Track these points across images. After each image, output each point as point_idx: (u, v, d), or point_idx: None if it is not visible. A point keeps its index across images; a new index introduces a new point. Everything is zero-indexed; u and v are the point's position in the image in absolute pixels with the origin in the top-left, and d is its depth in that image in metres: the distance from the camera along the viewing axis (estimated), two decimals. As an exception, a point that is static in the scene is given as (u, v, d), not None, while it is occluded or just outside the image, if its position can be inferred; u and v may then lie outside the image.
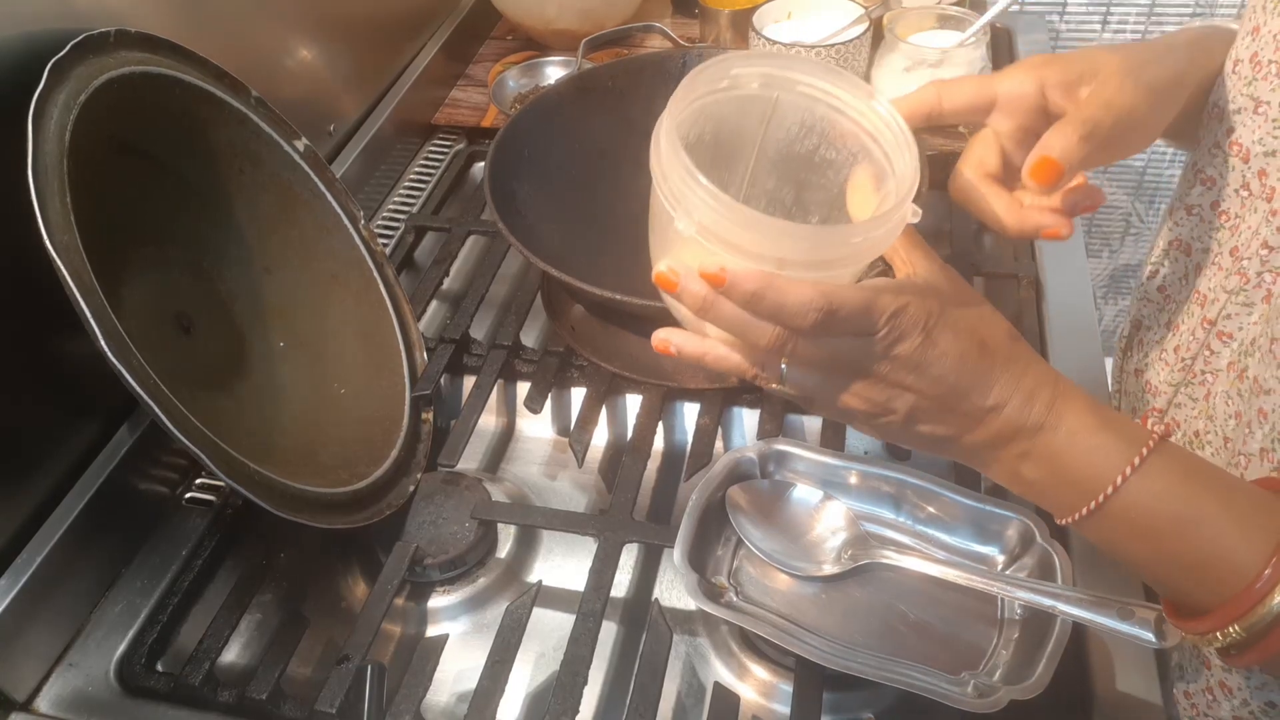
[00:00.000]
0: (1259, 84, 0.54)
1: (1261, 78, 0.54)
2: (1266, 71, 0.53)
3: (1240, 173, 0.56)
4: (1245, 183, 0.56)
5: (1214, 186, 0.59)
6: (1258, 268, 0.54)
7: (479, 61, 1.17)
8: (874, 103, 0.46)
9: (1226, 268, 0.58)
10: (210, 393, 0.66)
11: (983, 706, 0.51)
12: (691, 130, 0.47)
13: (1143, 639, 0.49)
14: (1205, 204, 0.60)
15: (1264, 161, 0.54)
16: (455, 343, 0.78)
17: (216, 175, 0.70)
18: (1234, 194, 0.57)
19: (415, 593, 0.67)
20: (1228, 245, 0.58)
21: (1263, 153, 0.54)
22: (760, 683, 0.61)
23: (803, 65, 0.46)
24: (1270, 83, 0.53)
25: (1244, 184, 0.56)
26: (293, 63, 0.88)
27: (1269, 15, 0.53)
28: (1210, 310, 0.59)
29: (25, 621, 0.60)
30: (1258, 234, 0.54)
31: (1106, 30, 1.40)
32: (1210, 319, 0.59)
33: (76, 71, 0.57)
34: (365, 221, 0.78)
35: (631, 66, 0.87)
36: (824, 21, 1.01)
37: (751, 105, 0.47)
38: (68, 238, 0.52)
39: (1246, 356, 0.54)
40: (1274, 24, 0.53)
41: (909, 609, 0.58)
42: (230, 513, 0.69)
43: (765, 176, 0.50)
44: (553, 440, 0.78)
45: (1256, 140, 0.54)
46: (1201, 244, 0.61)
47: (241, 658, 0.65)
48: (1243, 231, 0.56)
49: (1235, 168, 0.56)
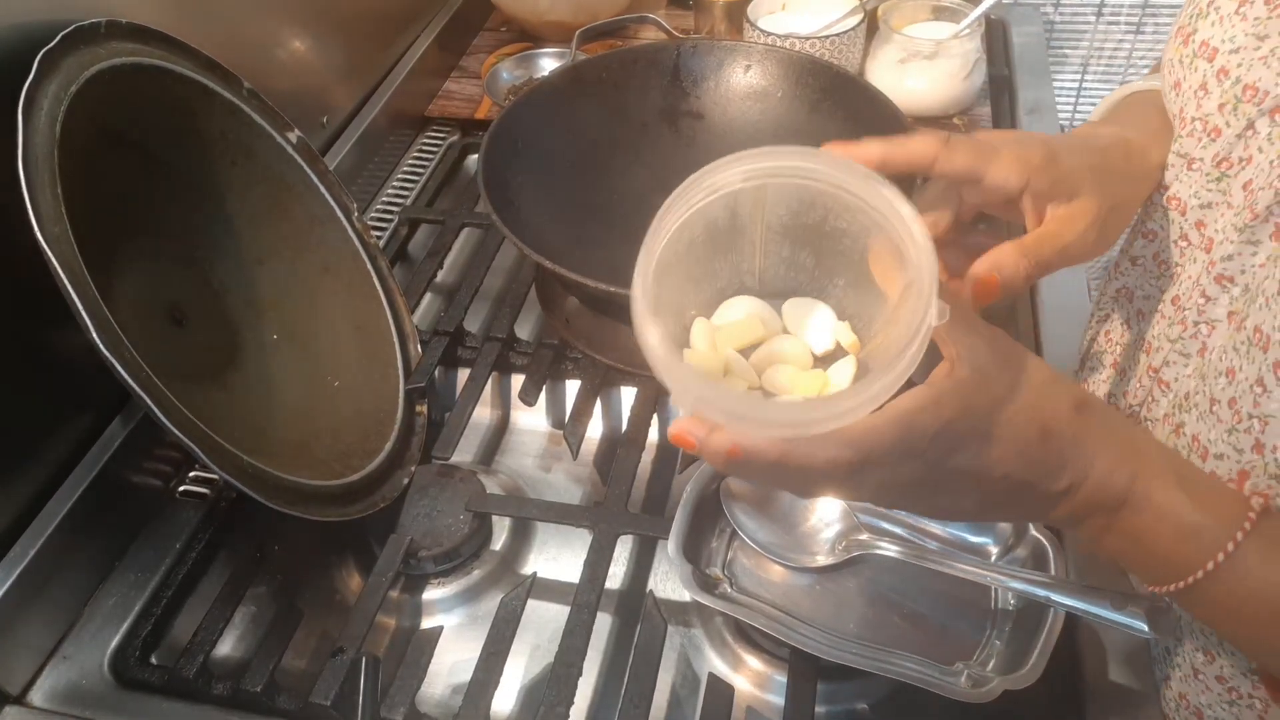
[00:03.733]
0: (1185, 140, 0.54)
1: (1187, 134, 0.54)
2: (1192, 129, 0.53)
3: (1179, 225, 0.56)
4: (1184, 234, 0.56)
5: (1155, 239, 0.60)
6: (1195, 317, 0.54)
7: (473, 53, 1.16)
8: (875, 184, 0.41)
9: (1169, 316, 0.58)
10: (203, 385, 0.66)
11: (976, 696, 0.51)
12: (680, 240, 0.42)
13: (1135, 629, 0.50)
14: (1148, 255, 0.61)
15: (1200, 214, 0.54)
16: (449, 335, 0.78)
17: (208, 167, 0.70)
18: (1173, 244, 0.57)
19: (410, 585, 0.67)
20: (1169, 294, 0.58)
21: (1198, 205, 0.54)
22: (755, 674, 0.61)
23: (786, 154, 0.41)
24: (1197, 139, 0.53)
25: (1182, 235, 0.56)
26: (285, 54, 0.88)
27: (1186, 69, 0.53)
28: (1155, 358, 0.59)
29: (19, 614, 0.60)
30: (1198, 284, 0.54)
31: (1101, 22, 1.40)
32: (1155, 367, 0.59)
33: (67, 62, 0.56)
34: (359, 214, 0.78)
35: (626, 58, 0.86)
36: (819, 13, 1.00)
37: (740, 197, 0.43)
38: (59, 229, 0.52)
39: (1183, 411, 0.54)
40: (1192, 78, 0.53)
41: (903, 600, 0.59)
42: (224, 505, 0.69)
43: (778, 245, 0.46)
44: (547, 433, 0.78)
45: (1192, 194, 0.54)
46: (1143, 291, 0.62)
47: (236, 650, 0.65)
48: (1183, 280, 0.56)
49: (1174, 220, 0.57)
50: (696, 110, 0.87)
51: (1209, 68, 0.52)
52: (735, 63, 0.87)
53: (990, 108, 1.00)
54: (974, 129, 0.97)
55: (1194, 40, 0.53)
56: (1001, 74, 1.05)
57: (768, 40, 0.95)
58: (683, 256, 0.43)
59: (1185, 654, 0.57)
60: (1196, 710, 0.56)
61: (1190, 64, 0.53)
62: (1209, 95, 0.52)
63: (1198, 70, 0.53)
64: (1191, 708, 0.57)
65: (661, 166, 0.85)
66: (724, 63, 0.87)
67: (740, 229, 0.45)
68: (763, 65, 0.86)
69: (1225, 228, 0.52)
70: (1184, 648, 0.57)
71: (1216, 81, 0.51)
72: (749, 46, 0.87)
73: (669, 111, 0.87)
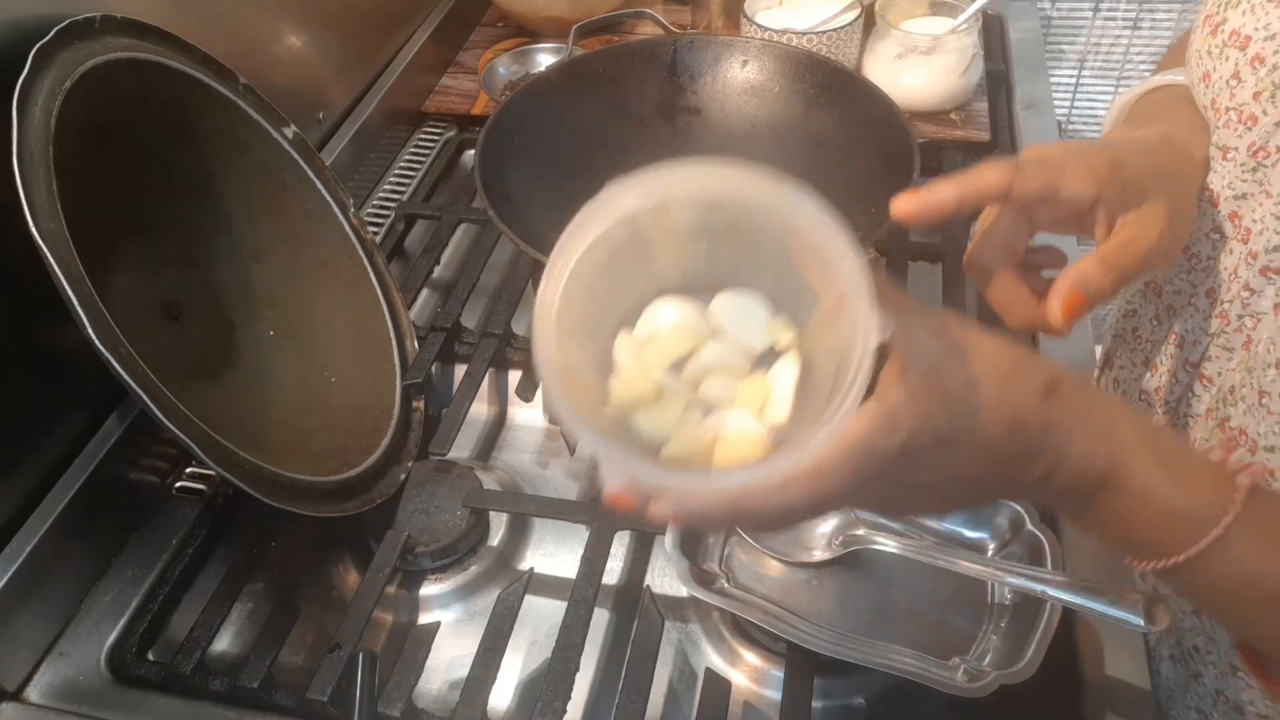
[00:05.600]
0: (1221, 132, 0.53)
1: (1223, 125, 0.53)
2: (1226, 119, 0.53)
3: (1210, 217, 0.56)
4: (1216, 225, 0.55)
5: None
6: (1238, 310, 0.54)
7: (469, 49, 1.16)
8: (781, 186, 0.37)
9: (1205, 310, 0.57)
10: (200, 381, 0.66)
11: (973, 691, 0.51)
12: (580, 277, 0.39)
13: (1131, 623, 0.50)
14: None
15: (1235, 205, 0.54)
16: (446, 331, 0.78)
17: (204, 163, 0.69)
18: (1205, 237, 0.56)
19: (407, 581, 0.67)
20: (1203, 287, 0.57)
21: (1233, 196, 0.54)
22: (752, 668, 0.61)
23: (678, 171, 0.38)
24: (1232, 129, 0.53)
25: (1215, 227, 0.56)
26: (281, 49, 0.87)
27: (1216, 60, 0.53)
28: (1192, 353, 0.59)
29: (15, 611, 0.60)
30: (1237, 276, 0.53)
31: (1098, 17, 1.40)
32: (1193, 362, 0.58)
33: (61, 57, 0.56)
34: (355, 209, 0.77)
35: (622, 53, 0.86)
36: (816, 8, 1.00)
37: (640, 217, 0.39)
38: (54, 225, 0.52)
39: (1228, 405, 0.53)
40: (1223, 68, 0.52)
41: (899, 595, 0.59)
42: (221, 502, 0.69)
43: (693, 245, 0.42)
44: (544, 428, 0.78)
45: (1225, 185, 0.54)
46: (1173, 286, 0.61)
47: (233, 646, 0.65)
48: (1219, 273, 0.56)
49: (1206, 212, 0.56)
50: (693, 105, 0.87)
51: (1241, 56, 0.51)
52: (732, 58, 0.87)
53: (987, 103, 0.99)
54: (970, 125, 0.97)
55: (1223, 30, 0.52)
56: (998, 69, 1.05)
57: (765, 35, 0.94)
58: (591, 288, 0.40)
59: (1221, 653, 0.57)
60: (1237, 706, 0.56)
61: (1220, 54, 0.52)
62: (1243, 84, 0.51)
63: (1229, 60, 0.52)
64: (1231, 704, 0.57)
65: (658, 162, 0.85)
66: (721, 58, 0.87)
67: (646, 239, 0.41)
68: (760, 60, 0.86)
69: (1265, 217, 0.51)
70: (1219, 646, 0.57)
71: (1250, 70, 0.51)
72: (746, 42, 0.87)
73: (666, 107, 0.87)
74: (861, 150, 0.79)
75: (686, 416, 0.41)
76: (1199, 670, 0.59)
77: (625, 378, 0.41)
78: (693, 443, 0.40)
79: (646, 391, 0.41)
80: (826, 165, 0.82)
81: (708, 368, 0.41)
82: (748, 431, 0.40)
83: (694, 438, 0.40)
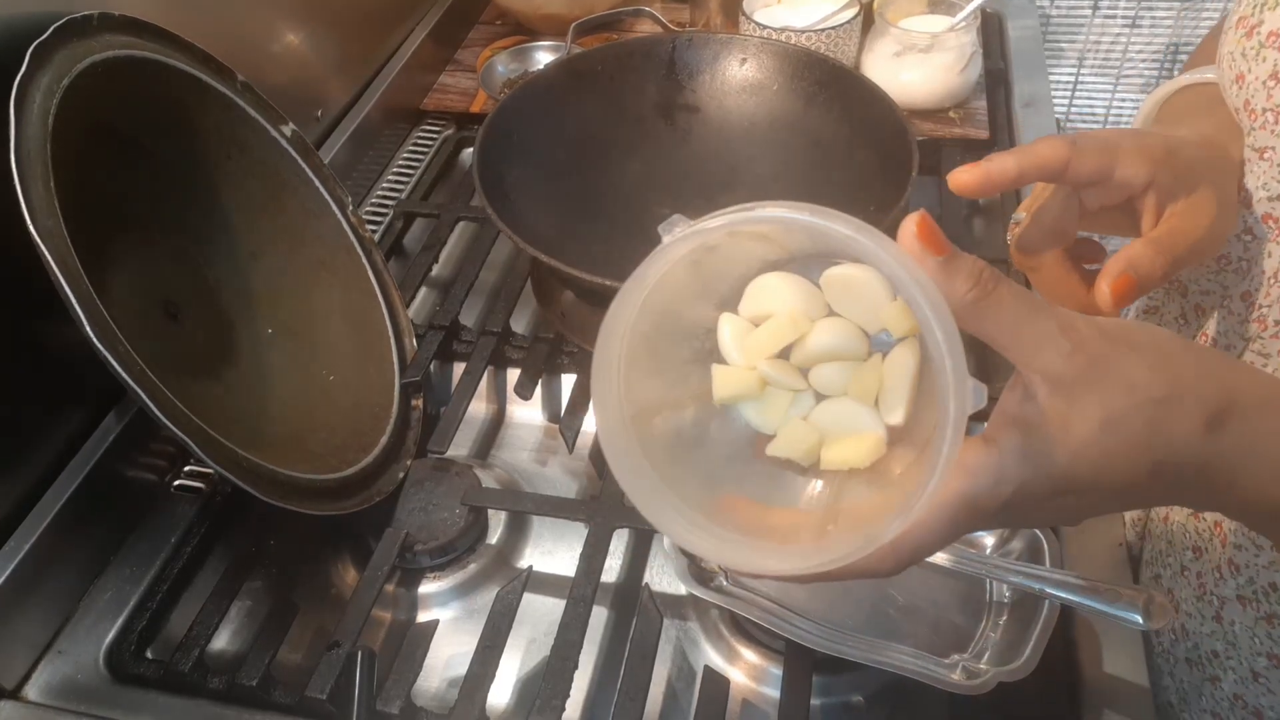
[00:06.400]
0: (1258, 133, 0.53)
1: (1260, 126, 0.53)
2: (1263, 120, 0.52)
3: (1242, 217, 0.55)
4: (1248, 227, 0.55)
5: None
6: (1277, 315, 0.53)
7: (467, 46, 1.16)
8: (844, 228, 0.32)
9: (1240, 313, 0.56)
10: (198, 380, 0.66)
11: (971, 689, 0.51)
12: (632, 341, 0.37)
13: (1130, 621, 0.50)
14: None
15: (1269, 206, 0.53)
16: (445, 329, 0.78)
17: (202, 161, 0.69)
18: (1236, 239, 0.56)
19: (405, 579, 0.67)
20: (1236, 289, 0.56)
21: (1267, 197, 0.53)
22: (750, 666, 0.61)
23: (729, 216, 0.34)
24: (1269, 130, 0.52)
25: (1246, 228, 0.55)
26: (279, 47, 0.87)
27: (1251, 61, 0.52)
28: None
29: (13, 609, 0.60)
30: (1276, 279, 0.53)
31: (1097, 16, 1.40)
32: None
33: (59, 55, 0.56)
34: (353, 207, 0.77)
35: (621, 51, 0.86)
36: (814, 6, 1.00)
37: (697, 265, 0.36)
38: (52, 223, 0.52)
39: None
40: (1259, 69, 0.52)
41: (898, 592, 0.59)
42: (219, 500, 0.69)
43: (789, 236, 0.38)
44: (543, 426, 0.78)
45: (1260, 185, 0.53)
46: (1200, 286, 0.60)
47: (231, 644, 0.65)
48: (1253, 275, 0.55)
49: (1238, 214, 0.55)
50: (692, 103, 0.87)
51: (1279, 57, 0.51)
52: (731, 56, 0.87)
53: (986, 101, 0.99)
54: (969, 122, 0.97)
55: (1260, 31, 0.52)
56: (997, 67, 1.05)
57: (763, 33, 0.94)
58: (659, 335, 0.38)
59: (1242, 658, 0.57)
60: (1256, 711, 0.56)
61: (1257, 55, 0.52)
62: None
63: (1266, 60, 0.51)
64: (1250, 709, 0.57)
65: (657, 160, 0.85)
66: (719, 56, 0.87)
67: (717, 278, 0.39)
68: (758, 58, 0.86)
69: None
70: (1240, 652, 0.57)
71: None
72: (745, 40, 0.87)
73: (664, 105, 0.87)
74: (860, 148, 0.79)
75: (797, 404, 0.39)
76: (1216, 675, 0.59)
77: (725, 375, 0.40)
78: (800, 442, 0.39)
79: (750, 384, 0.39)
80: (825, 163, 0.82)
81: (819, 355, 0.39)
82: (860, 433, 0.38)
83: (801, 437, 0.39)
